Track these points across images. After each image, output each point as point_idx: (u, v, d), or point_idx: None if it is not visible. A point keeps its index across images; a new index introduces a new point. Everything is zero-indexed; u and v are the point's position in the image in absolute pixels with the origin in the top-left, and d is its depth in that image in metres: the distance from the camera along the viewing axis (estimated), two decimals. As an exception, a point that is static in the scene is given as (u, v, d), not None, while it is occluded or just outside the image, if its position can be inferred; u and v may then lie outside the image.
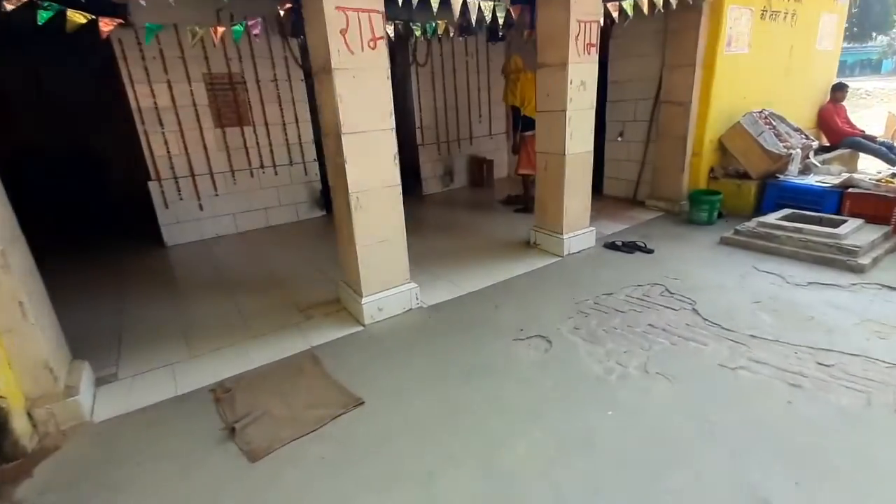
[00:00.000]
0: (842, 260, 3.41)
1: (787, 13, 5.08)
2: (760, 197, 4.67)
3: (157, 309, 3.42)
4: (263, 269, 4.13)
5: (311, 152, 5.52)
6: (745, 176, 4.72)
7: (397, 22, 4.39)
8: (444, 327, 2.93)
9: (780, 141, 4.50)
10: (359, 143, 2.69)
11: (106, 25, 2.66)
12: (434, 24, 4.55)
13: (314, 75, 2.72)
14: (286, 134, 5.31)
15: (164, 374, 2.57)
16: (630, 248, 4.03)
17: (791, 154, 4.46)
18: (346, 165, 2.69)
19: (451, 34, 4.94)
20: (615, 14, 3.83)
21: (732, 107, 4.84)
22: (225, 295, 3.59)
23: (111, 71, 4.42)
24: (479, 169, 6.64)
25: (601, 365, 2.41)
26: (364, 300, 2.96)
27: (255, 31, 3.29)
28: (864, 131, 6.08)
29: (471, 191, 6.69)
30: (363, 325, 2.98)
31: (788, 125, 4.83)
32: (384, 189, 2.87)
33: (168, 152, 4.71)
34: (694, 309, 2.92)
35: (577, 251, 4.04)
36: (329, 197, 6.05)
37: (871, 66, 30.94)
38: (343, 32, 2.49)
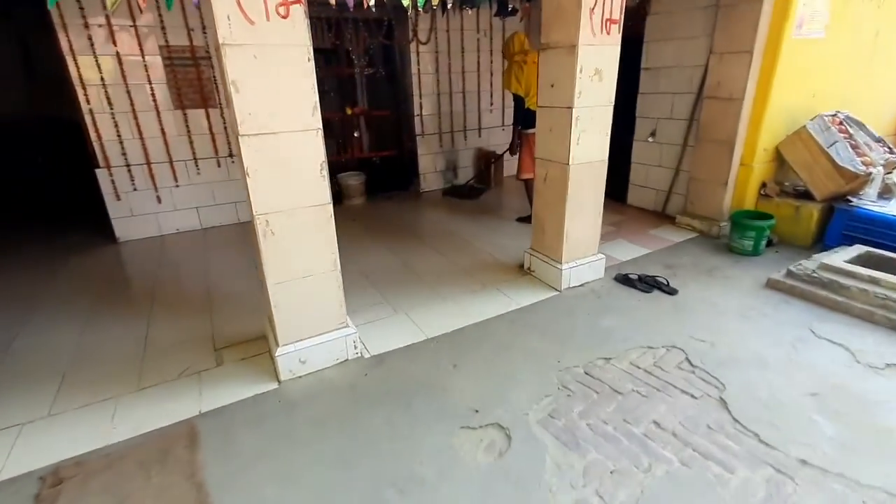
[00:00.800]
0: (939, 331, 2.49)
1: (879, -12, 3.97)
2: (824, 225, 3.69)
3: (53, 331, 2.85)
4: (204, 280, 3.53)
5: (288, 140, 4.84)
6: (806, 196, 3.74)
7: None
8: (378, 393, 2.23)
9: (857, 155, 3.49)
10: (266, 149, 1.98)
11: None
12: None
13: (213, 55, 2.00)
14: (259, 118, 4.63)
15: None
16: (648, 284, 3.19)
17: (870, 173, 3.45)
18: (247, 179, 1.98)
19: (450, 5, 4.10)
20: None
21: (797, 107, 3.83)
22: (139, 315, 2.99)
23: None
24: (487, 164, 5.81)
25: (571, 494, 1.66)
26: (280, 352, 2.29)
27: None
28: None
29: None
30: (279, 382, 2.32)
31: (868, 134, 3.79)
32: (306, 210, 2.15)
33: (119, 136, 4.13)
34: (722, 398, 2.10)
35: (579, 284, 3.23)
36: None
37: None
38: (235, -8, 1.75)
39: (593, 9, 2.60)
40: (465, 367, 2.40)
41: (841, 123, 3.66)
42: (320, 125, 2.07)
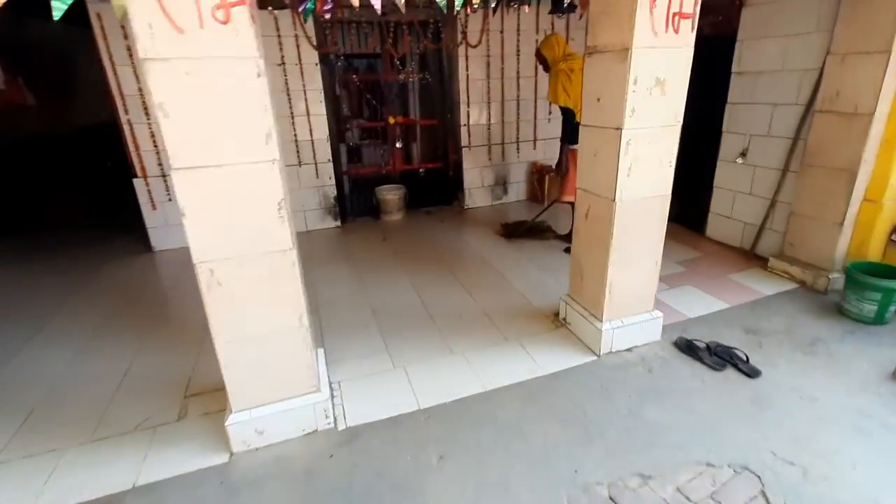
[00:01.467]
0: None
1: None
2: None
3: (49, 352, 2.74)
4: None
5: (324, 151, 4.59)
6: (965, 246, 2.73)
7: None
8: (335, 490, 1.78)
9: None
10: (206, 186, 1.61)
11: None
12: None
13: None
14: (294, 129, 4.43)
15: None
16: (719, 358, 2.45)
17: None
18: (183, 220, 1.63)
19: (494, 3, 3.58)
20: None
21: (958, 125, 2.82)
22: (132, 343, 2.82)
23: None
24: (542, 180, 5.18)
25: None
26: (231, 420, 1.93)
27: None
28: None
29: (528, 207, 5.24)
30: (231, 453, 1.97)
31: None
32: (261, 257, 1.77)
33: (155, 146, 4.10)
34: (814, 579, 1.40)
35: (624, 349, 2.56)
36: (344, 205, 5.29)
37: None
38: (158, -6, 1.39)
39: (654, 0, 1.96)
40: (452, 460, 1.89)
41: None
42: (276, 156, 1.67)
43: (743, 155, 3.63)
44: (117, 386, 2.44)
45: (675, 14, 2.02)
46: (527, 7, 4.36)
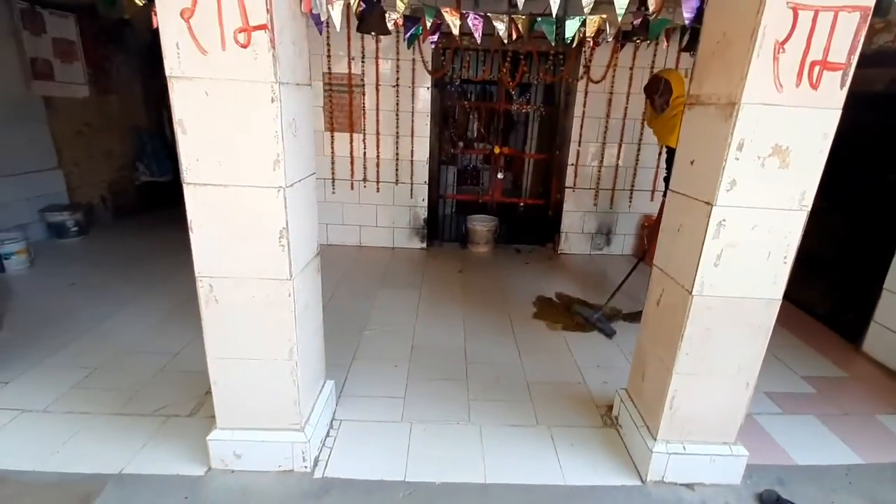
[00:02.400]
0: None
1: None
2: None
3: (137, 319, 3.11)
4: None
5: (422, 173, 4.60)
6: None
7: (516, 17, 2.95)
8: (278, 548, 1.63)
9: None
10: (214, 203, 1.61)
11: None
12: (580, 20, 2.92)
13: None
14: (398, 148, 4.51)
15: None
16: (823, 538, 1.73)
17: None
18: (190, 234, 1.65)
19: (607, 38, 3.17)
20: None
21: None
22: (195, 327, 3.06)
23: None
24: (653, 236, 4.47)
25: None
26: (213, 436, 1.91)
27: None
28: None
29: (629, 264, 4.57)
30: (209, 468, 1.95)
31: None
32: (258, 283, 1.71)
33: (276, 150, 4.52)
34: None
35: (682, 483, 1.96)
36: (432, 228, 5.17)
37: None
38: (186, 15, 1.42)
39: (784, 42, 1.45)
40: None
41: None
42: (284, 183, 1.60)
43: (939, 255, 2.63)
44: (164, 365, 2.65)
45: (814, 63, 1.47)
46: (665, 44, 3.81)
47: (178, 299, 3.42)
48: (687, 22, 1.94)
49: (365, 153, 4.53)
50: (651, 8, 1.93)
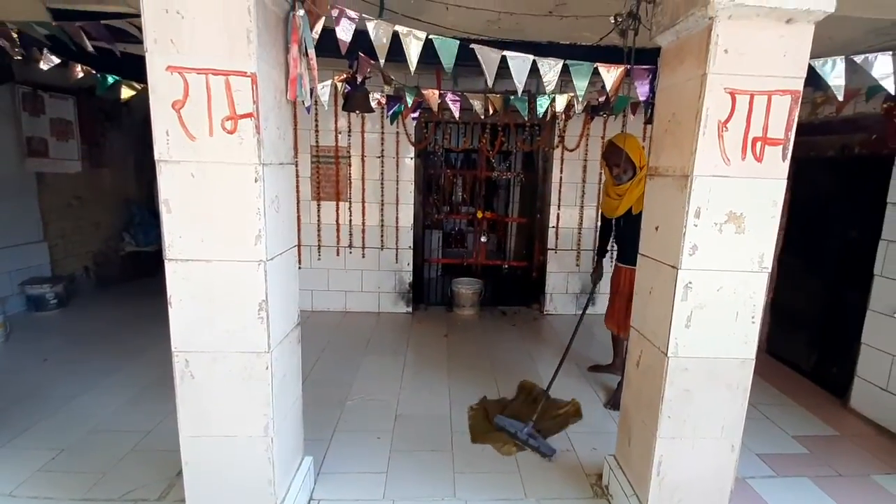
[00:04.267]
0: None
1: None
2: None
3: (119, 387, 3.01)
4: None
5: (407, 238, 4.70)
6: None
7: (491, 95, 3.19)
8: None
9: None
10: (194, 278, 1.64)
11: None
12: (550, 97, 3.17)
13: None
14: (382, 214, 4.64)
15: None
16: None
17: None
18: (169, 309, 1.66)
19: (577, 112, 3.43)
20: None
21: None
22: (169, 402, 2.96)
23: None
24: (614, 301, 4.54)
25: None
26: (181, 520, 1.81)
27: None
28: None
29: (618, 324, 4.61)
30: (175, 559, 1.82)
31: None
32: (236, 356, 1.70)
33: (263, 218, 4.62)
34: None
35: (678, 557, 1.88)
36: (418, 291, 5.18)
37: None
38: (178, 106, 1.53)
39: (726, 122, 1.59)
40: None
41: None
42: (265, 257, 1.64)
43: (906, 309, 2.72)
44: (135, 445, 2.53)
45: (756, 139, 1.61)
46: (632, 115, 4.11)
47: (153, 374, 3.32)
48: (643, 100, 2.13)
49: (351, 220, 4.65)
50: (609, 89, 2.12)
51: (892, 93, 1.83)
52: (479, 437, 2.65)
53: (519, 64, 1.95)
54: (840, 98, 1.80)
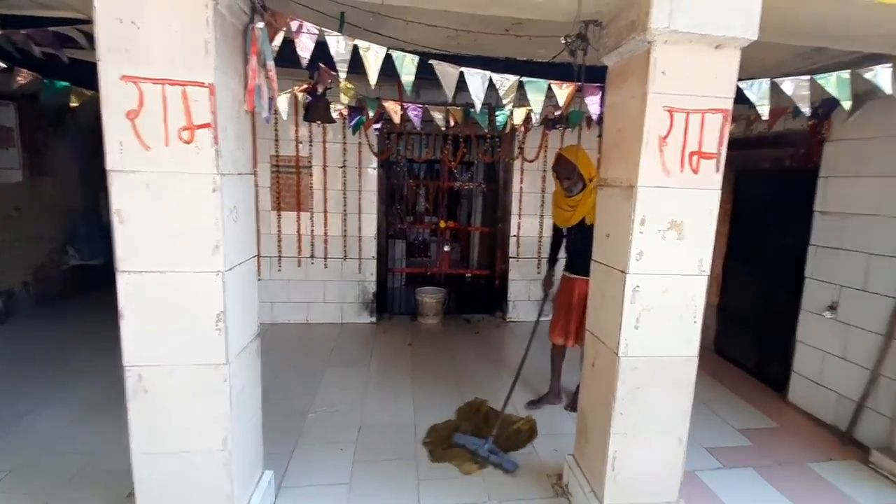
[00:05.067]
0: None
1: None
2: None
3: (60, 407, 2.84)
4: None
5: (370, 248, 4.70)
6: None
7: (452, 108, 3.28)
8: None
9: None
10: (148, 290, 1.60)
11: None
12: (507, 111, 3.29)
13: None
14: (346, 225, 4.62)
15: None
16: None
17: None
18: (120, 321, 1.62)
19: (535, 125, 3.57)
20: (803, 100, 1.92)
21: None
22: (119, 420, 2.84)
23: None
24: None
25: None
26: (133, 543, 1.74)
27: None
28: None
29: (577, 329, 4.77)
30: (126, 585, 1.75)
31: None
32: (193, 369, 1.67)
33: (221, 229, 4.51)
34: None
35: (633, 549, 1.96)
36: (382, 300, 5.09)
37: None
38: (132, 116, 1.51)
39: (665, 137, 1.72)
40: None
41: None
42: (223, 267, 1.63)
43: (832, 309, 2.96)
44: (84, 465, 2.41)
45: (692, 153, 1.75)
46: (587, 128, 4.31)
47: (99, 392, 3.16)
48: (595, 117, 2.25)
49: (313, 231, 4.60)
50: (562, 105, 2.23)
51: (807, 113, 2.03)
52: (439, 456, 2.55)
53: (476, 80, 2.03)
54: (765, 116, 1.97)
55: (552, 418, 3.02)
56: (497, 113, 3.37)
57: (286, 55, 1.92)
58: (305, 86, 3.17)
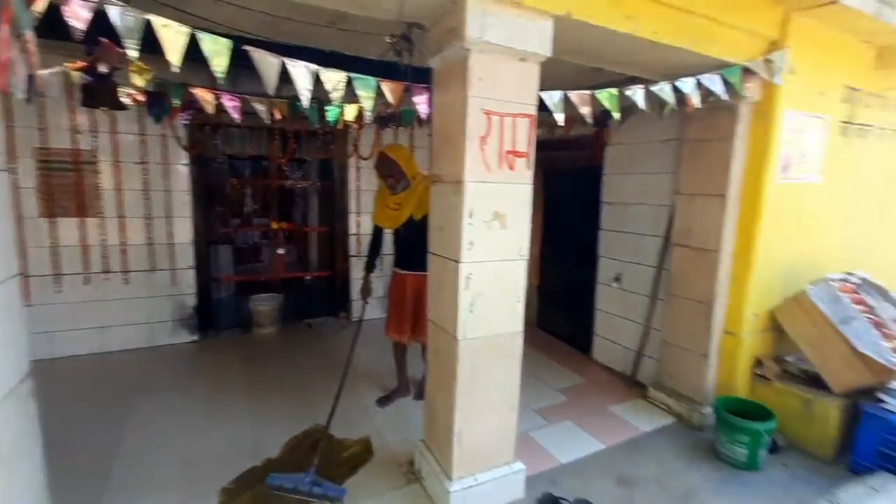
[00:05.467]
0: None
1: (882, 129, 3.35)
2: (849, 429, 2.63)
3: None
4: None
5: (186, 257, 4.10)
6: (818, 383, 2.74)
7: (277, 100, 3.05)
8: None
9: (885, 337, 2.55)
10: None
11: None
12: (338, 107, 3.20)
13: None
14: (150, 231, 3.94)
15: None
16: (585, 523, 2.09)
17: (906, 363, 2.48)
18: None
19: (368, 121, 3.60)
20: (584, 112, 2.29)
21: (796, 264, 3.01)
22: None
23: None
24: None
25: None
26: None
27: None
28: None
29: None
30: None
31: (893, 302, 2.89)
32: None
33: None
34: None
35: (480, 514, 2.14)
36: (205, 315, 4.22)
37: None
38: None
39: (485, 137, 1.90)
40: None
41: (855, 292, 2.78)
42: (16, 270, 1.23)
43: (617, 280, 3.67)
44: None
45: (508, 152, 1.96)
46: (419, 126, 4.47)
47: None
48: (423, 116, 2.34)
49: (104, 240, 3.80)
50: (392, 103, 2.27)
51: (589, 121, 2.45)
52: None
53: (302, 73, 1.92)
54: (560, 122, 2.30)
55: (402, 410, 3.08)
56: (327, 108, 3.26)
57: (60, 26, 1.53)
58: (82, 64, 2.58)
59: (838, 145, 3.09)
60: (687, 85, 2.44)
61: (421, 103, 2.22)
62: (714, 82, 2.50)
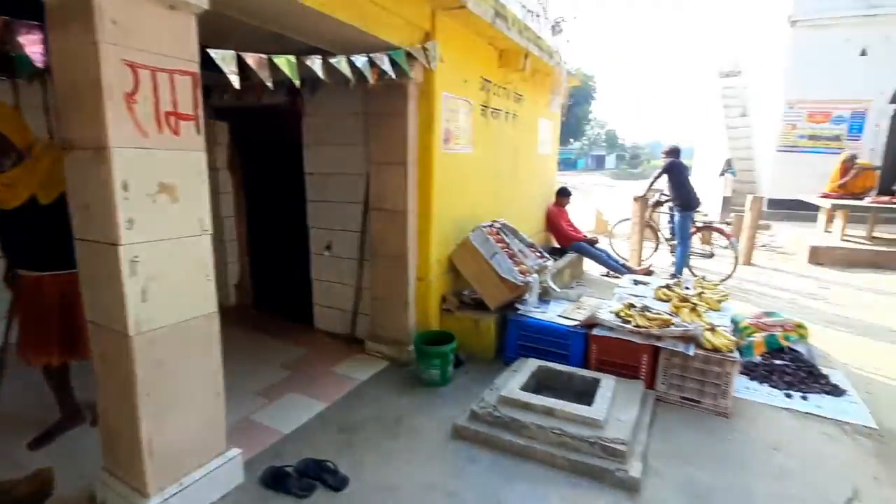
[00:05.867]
0: (609, 470, 2.25)
1: (508, 113, 4.48)
2: (502, 335, 3.56)
3: None
4: None
5: None
6: (482, 307, 3.58)
7: None
8: None
9: (515, 264, 3.52)
10: None
11: None
12: None
13: None
14: None
15: None
16: (310, 479, 2.19)
17: (528, 281, 3.50)
18: None
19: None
20: (263, 76, 2.20)
21: (463, 217, 3.77)
22: None
23: None
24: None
25: None
26: None
27: None
28: (586, 236, 6.08)
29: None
30: None
31: (522, 240, 4.00)
32: None
33: None
34: None
35: (195, 514, 1.97)
36: None
37: (569, 165, 41.30)
38: None
39: (132, 94, 1.62)
40: None
41: (498, 233, 3.71)
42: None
43: (328, 248, 3.83)
44: None
45: (168, 113, 1.73)
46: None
47: None
48: (39, 64, 1.81)
49: None
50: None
51: (271, 88, 2.37)
52: None
53: None
54: (236, 86, 2.15)
55: (72, 444, 2.45)
56: None
57: None
58: None
59: (481, 124, 3.99)
60: (360, 60, 2.66)
61: (33, 45, 1.71)
62: (384, 62, 2.80)
